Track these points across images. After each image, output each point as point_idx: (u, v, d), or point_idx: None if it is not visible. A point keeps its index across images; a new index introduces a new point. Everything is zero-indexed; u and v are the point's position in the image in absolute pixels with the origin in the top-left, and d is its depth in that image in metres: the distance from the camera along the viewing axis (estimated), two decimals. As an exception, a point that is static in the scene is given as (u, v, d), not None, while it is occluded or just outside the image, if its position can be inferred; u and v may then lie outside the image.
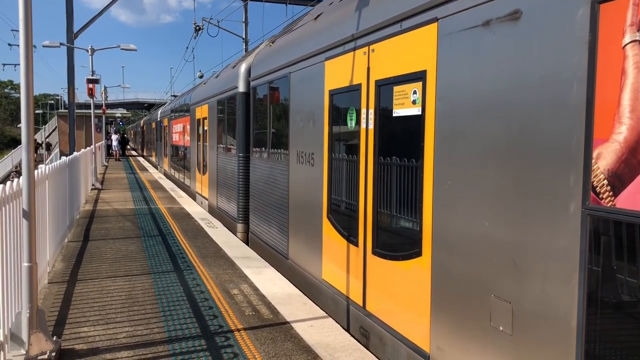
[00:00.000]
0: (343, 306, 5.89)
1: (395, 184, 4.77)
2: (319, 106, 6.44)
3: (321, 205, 6.41)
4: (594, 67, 2.73)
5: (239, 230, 10.73)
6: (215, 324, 5.54)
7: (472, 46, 3.69)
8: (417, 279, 4.39)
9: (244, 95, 10.35)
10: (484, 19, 3.55)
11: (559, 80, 2.95)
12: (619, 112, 2.59)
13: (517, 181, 3.28)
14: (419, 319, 4.35)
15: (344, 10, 6.06)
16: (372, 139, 5.15)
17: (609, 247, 2.69)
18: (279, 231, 8.18)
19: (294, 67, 7.39)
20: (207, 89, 14.52)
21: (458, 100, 3.84)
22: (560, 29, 2.95)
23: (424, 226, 4.26)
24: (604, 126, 2.67)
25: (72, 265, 7.98)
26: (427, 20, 4.20)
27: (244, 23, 29.34)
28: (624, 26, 2.57)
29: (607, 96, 2.66)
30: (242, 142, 10.43)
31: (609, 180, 2.65)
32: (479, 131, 3.62)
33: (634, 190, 2.53)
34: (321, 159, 6.41)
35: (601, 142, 2.69)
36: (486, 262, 3.55)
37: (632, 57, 2.53)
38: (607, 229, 2.69)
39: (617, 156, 2.61)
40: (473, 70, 3.68)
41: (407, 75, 4.52)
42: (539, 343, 3.11)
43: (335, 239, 6.04)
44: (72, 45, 22.73)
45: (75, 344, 5.00)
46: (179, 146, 20.79)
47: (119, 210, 13.76)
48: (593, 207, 2.73)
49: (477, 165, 3.64)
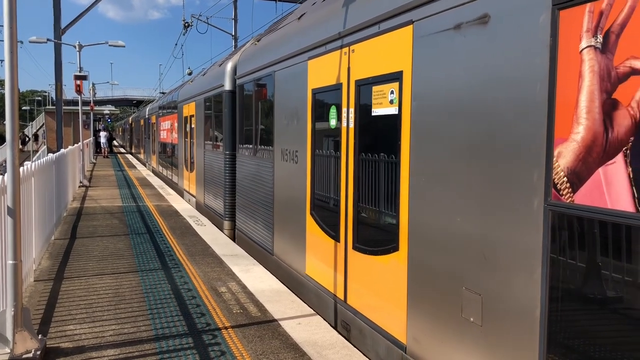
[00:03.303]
0: (325, 300, 6.02)
1: (375, 181, 4.90)
2: (303, 104, 6.56)
3: (305, 201, 6.54)
4: (554, 70, 2.87)
5: (226, 227, 10.82)
6: (202, 322, 5.54)
7: (444, 48, 3.83)
8: (394, 273, 4.53)
9: (231, 93, 10.43)
10: (455, 22, 3.69)
11: (524, 81, 3.09)
12: (577, 113, 2.74)
13: (486, 178, 3.42)
14: (397, 312, 4.50)
15: (326, 10, 6.17)
16: (352, 137, 5.28)
17: (568, 241, 2.84)
18: (264, 228, 8.30)
19: (278, 66, 7.50)
20: (195, 87, 14.56)
21: (432, 100, 3.98)
22: (524, 32, 3.09)
23: (401, 221, 4.40)
24: (564, 126, 2.82)
25: (58, 263, 7.95)
26: (403, 23, 4.33)
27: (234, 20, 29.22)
28: (581, 32, 2.72)
29: (567, 98, 2.80)
30: (228, 140, 10.52)
31: (569, 178, 2.80)
32: (451, 130, 3.76)
33: (591, 187, 2.68)
34: (304, 156, 6.53)
35: (561, 141, 2.84)
36: (458, 256, 3.69)
37: (588, 61, 2.67)
38: (566, 223, 2.84)
39: (575, 155, 2.75)
40: (446, 71, 3.81)
41: (384, 76, 4.65)
42: (506, 332, 3.26)
43: (318, 235, 6.17)
44: (60, 42, 22.51)
45: (61, 342, 4.97)
46: (166, 143, 20.79)
47: (107, 208, 13.72)
48: (554, 203, 2.88)
49: (449, 162, 3.78)
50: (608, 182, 2.58)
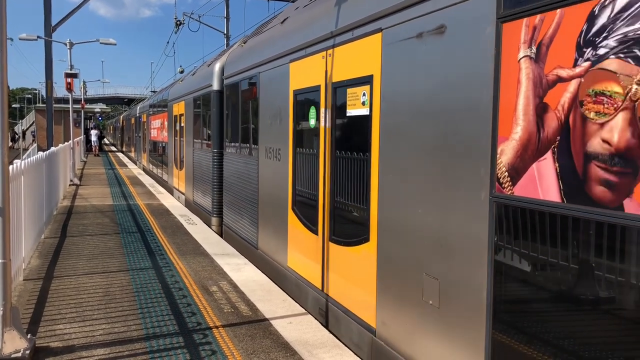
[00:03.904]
0: (305, 291, 6.36)
1: (349, 178, 5.24)
2: (285, 105, 6.88)
3: (287, 197, 6.87)
4: (498, 76, 3.22)
5: (214, 223, 11.13)
6: (193, 321, 5.53)
7: (409, 54, 4.17)
8: (365, 262, 4.88)
9: (218, 93, 10.73)
10: (418, 32, 4.03)
11: (473, 86, 3.44)
12: (515, 115, 3.09)
13: (443, 173, 3.77)
14: (367, 298, 4.84)
15: (307, 15, 6.51)
16: (329, 136, 5.62)
17: (509, 229, 3.20)
18: (250, 223, 8.62)
19: (262, 68, 7.82)
20: (184, 86, 14.83)
21: (398, 102, 4.33)
22: (474, 42, 3.44)
23: (372, 214, 4.74)
24: (506, 127, 3.17)
25: (48, 262, 7.92)
26: (373, 30, 4.67)
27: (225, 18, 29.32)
28: (519, 43, 3.07)
29: (508, 101, 3.15)
30: (216, 138, 10.82)
31: (509, 172, 3.15)
32: (413, 130, 4.11)
33: (527, 181, 3.03)
34: (287, 154, 6.86)
35: (503, 140, 3.19)
36: (420, 245, 4.04)
37: (525, 69, 3.02)
38: (507, 213, 3.19)
39: (514, 152, 3.11)
40: (409, 75, 4.16)
41: (358, 79, 4.99)
42: (459, 313, 3.61)
43: (299, 229, 6.50)
44: (50, 39, 22.36)
45: (50, 342, 4.94)
46: (157, 142, 21.02)
47: (97, 207, 13.77)
48: (497, 195, 3.23)
49: (412, 159, 4.13)
50: (540, 176, 2.94)
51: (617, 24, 2.50)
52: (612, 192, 2.53)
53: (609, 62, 2.54)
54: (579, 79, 2.69)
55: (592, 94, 2.62)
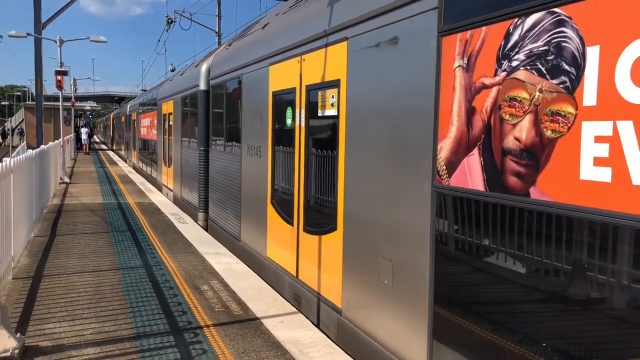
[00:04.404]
0: (282, 278, 6.83)
1: (320, 173, 5.72)
2: (265, 105, 7.35)
3: (266, 192, 7.34)
4: (439, 83, 3.71)
5: (200, 218, 11.57)
6: (184, 320, 5.55)
7: (369, 62, 4.66)
8: (333, 249, 5.36)
9: (205, 93, 11.17)
10: (376, 41, 4.52)
11: (420, 91, 3.93)
12: (451, 116, 3.58)
13: (395, 168, 4.26)
14: (334, 282, 5.33)
15: (284, 22, 6.98)
16: (304, 135, 6.09)
17: (447, 215, 3.69)
18: (233, 217, 9.08)
19: (245, 70, 8.28)
20: (173, 86, 15.24)
21: (360, 104, 4.81)
22: (421, 53, 3.93)
23: (339, 205, 5.23)
24: (444, 126, 3.66)
25: (38, 261, 7.89)
26: (341, 39, 5.15)
27: (217, 17, 29.49)
28: (454, 54, 3.56)
29: (446, 105, 3.64)
30: (202, 137, 11.25)
31: (446, 166, 3.64)
32: (372, 129, 4.60)
33: (459, 173, 3.52)
34: (266, 151, 7.33)
35: (442, 138, 3.68)
36: (378, 231, 4.53)
37: (458, 77, 3.52)
38: (446, 202, 3.68)
39: (450, 148, 3.60)
40: (370, 80, 4.64)
41: (327, 83, 5.47)
42: (407, 290, 4.11)
43: (277, 221, 6.97)
44: (40, 36, 22.19)
45: (39, 341, 4.92)
46: (146, 140, 21.39)
47: (88, 205, 13.78)
48: (437, 185, 3.73)
49: (371, 156, 4.62)
50: (469, 169, 3.43)
51: (525, 41, 3.00)
52: (522, 181, 3.02)
53: (519, 72, 3.03)
54: (498, 86, 3.19)
55: (507, 99, 3.12)
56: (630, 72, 2.43)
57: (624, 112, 2.45)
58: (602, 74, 2.56)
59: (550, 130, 2.83)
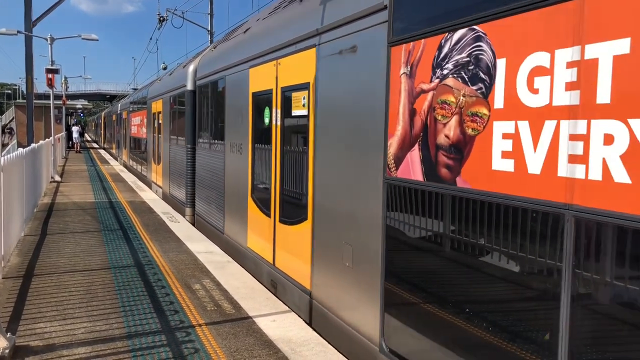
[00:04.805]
0: (261, 266, 7.35)
1: (294, 168, 6.23)
2: (245, 105, 7.85)
3: (247, 186, 7.84)
4: (388, 87, 4.23)
5: (187, 213, 12.05)
6: (176, 319, 5.55)
7: (334, 67, 5.17)
8: (304, 238, 5.88)
9: (192, 93, 11.64)
10: (339, 49, 5.04)
11: (374, 94, 4.45)
12: (398, 117, 4.11)
13: (355, 163, 4.78)
14: (305, 267, 5.85)
15: (264, 27, 7.48)
16: (279, 133, 6.60)
17: (395, 203, 4.21)
18: (217, 211, 9.58)
19: (228, 71, 8.77)
20: (162, 85, 15.69)
21: (326, 105, 5.33)
22: (374, 60, 4.44)
23: (309, 197, 5.74)
24: (393, 126, 4.18)
25: (28, 260, 7.83)
26: (310, 45, 5.67)
27: (209, 15, 29.67)
28: (400, 62, 4.08)
29: (394, 107, 4.17)
30: (189, 135, 11.73)
31: (394, 160, 4.16)
32: (336, 127, 5.11)
33: (404, 166, 4.04)
34: (247, 148, 7.83)
35: (391, 136, 4.20)
36: (341, 219, 5.05)
37: (403, 83, 4.04)
38: (394, 191, 4.20)
39: (397, 145, 4.12)
40: (334, 84, 5.16)
41: (299, 85, 5.98)
42: (364, 270, 4.63)
43: (256, 214, 7.48)
44: (31, 34, 21.76)
45: (30, 341, 4.90)
46: (137, 138, 21.80)
47: (79, 204, 13.72)
48: (388, 177, 4.25)
49: (335, 151, 5.13)
50: (412, 162, 3.95)
51: (453, 52, 3.53)
52: (450, 172, 3.55)
53: (449, 79, 3.56)
54: (433, 91, 3.71)
55: (440, 102, 3.64)
56: (526, 80, 2.96)
57: (523, 114, 2.98)
58: (508, 82, 3.09)
59: (471, 128, 3.36)
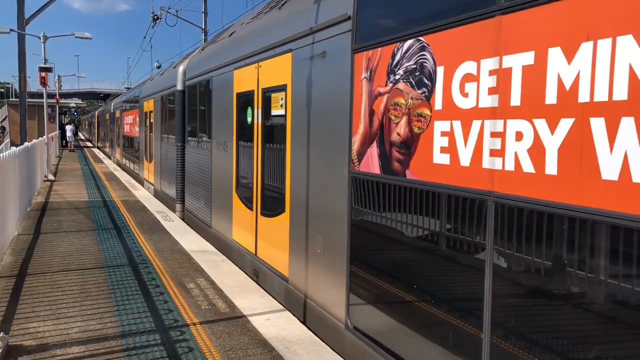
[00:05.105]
0: (244, 256, 7.80)
1: (273, 164, 6.69)
2: (230, 105, 8.30)
3: (232, 182, 8.29)
4: (352, 90, 4.70)
5: (177, 209, 12.48)
6: (170, 318, 5.54)
7: (307, 70, 5.63)
8: (282, 229, 6.34)
9: (181, 93, 12.07)
10: (312, 54, 5.50)
11: (341, 97, 4.91)
12: (360, 117, 4.57)
13: (325, 158, 5.24)
14: (283, 256, 6.31)
15: (247, 32, 7.93)
16: (260, 131, 7.06)
17: (357, 195, 4.68)
18: (205, 206, 10.03)
19: (214, 73, 9.22)
20: (154, 85, 16.10)
21: (300, 105, 5.79)
22: (341, 66, 4.91)
23: (287, 191, 6.20)
24: (356, 125, 4.65)
25: (21, 259, 7.80)
26: (286, 50, 6.12)
27: (204, 13, 29.88)
28: (362, 68, 4.54)
29: (357, 108, 4.63)
30: (179, 133, 12.16)
31: (357, 155, 4.63)
32: (309, 126, 5.57)
33: (365, 161, 4.51)
34: (231, 146, 8.28)
35: (355, 133, 4.66)
36: (314, 210, 5.52)
37: (364, 86, 4.50)
38: (357, 184, 4.67)
39: (359, 142, 4.59)
40: (308, 86, 5.62)
41: (277, 87, 6.44)
42: (333, 256, 5.10)
43: (240, 208, 7.93)
44: (23, 32, 21.32)
45: (23, 340, 4.88)
46: (129, 136, 22.17)
47: (73, 202, 13.72)
48: (352, 171, 4.72)
49: (308, 150, 5.59)
50: (371, 158, 4.42)
51: (403, 60, 3.99)
52: (401, 166, 4.02)
53: (400, 84, 4.03)
54: (388, 94, 4.18)
55: (393, 104, 4.11)
56: (459, 85, 3.43)
57: (456, 114, 3.45)
58: (445, 86, 3.56)
59: (417, 127, 3.83)
